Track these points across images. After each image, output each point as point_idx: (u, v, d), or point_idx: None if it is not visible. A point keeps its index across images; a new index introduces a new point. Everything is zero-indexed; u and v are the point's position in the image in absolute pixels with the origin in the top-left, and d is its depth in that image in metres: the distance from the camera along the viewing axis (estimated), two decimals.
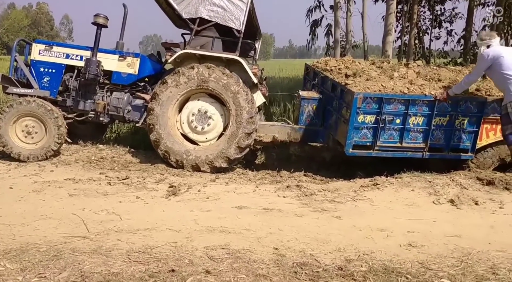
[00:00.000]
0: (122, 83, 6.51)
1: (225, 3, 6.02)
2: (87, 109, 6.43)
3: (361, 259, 3.25)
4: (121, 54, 6.47)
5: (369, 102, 5.55)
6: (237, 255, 3.25)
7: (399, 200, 4.71)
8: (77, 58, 6.40)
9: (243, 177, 5.63)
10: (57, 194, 4.67)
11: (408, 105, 5.58)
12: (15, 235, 3.51)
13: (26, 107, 5.88)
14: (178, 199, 4.62)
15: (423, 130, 5.70)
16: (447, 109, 5.66)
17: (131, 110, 6.51)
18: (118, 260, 3.11)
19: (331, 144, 6.41)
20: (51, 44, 6.53)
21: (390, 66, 6.49)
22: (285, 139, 6.41)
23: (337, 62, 6.87)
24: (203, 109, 6.05)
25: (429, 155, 5.80)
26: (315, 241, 3.57)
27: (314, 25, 15.15)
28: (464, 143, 5.81)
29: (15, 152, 5.88)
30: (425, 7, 15.98)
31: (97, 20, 6.17)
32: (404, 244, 3.55)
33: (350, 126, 5.55)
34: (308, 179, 5.73)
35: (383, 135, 5.68)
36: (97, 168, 5.81)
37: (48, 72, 6.39)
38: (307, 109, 6.48)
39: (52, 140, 5.92)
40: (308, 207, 4.43)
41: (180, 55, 6.07)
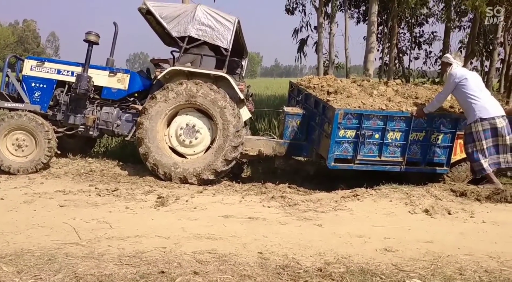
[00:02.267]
0: (112, 98, 6.69)
1: (213, 23, 6.32)
2: (77, 123, 6.58)
3: (340, 262, 3.46)
4: (112, 70, 6.66)
5: (350, 118, 5.86)
6: (224, 258, 3.44)
7: (377, 209, 4.96)
8: (68, 74, 6.56)
9: (229, 189, 5.82)
10: (48, 204, 4.79)
11: (386, 121, 5.90)
12: (9, 242, 3.64)
13: (18, 121, 6.02)
14: (166, 209, 4.79)
15: (401, 144, 6.02)
16: (423, 125, 6.01)
17: (120, 124, 6.67)
18: (110, 263, 3.27)
19: (314, 158, 6.68)
20: (43, 60, 6.71)
21: (370, 84, 6.88)
22: (270, 153, 6.66)
23: (319, 80, 7.20)
24: (191, 123, 6.27)
25: (406, 169, 6.12)
26: (297, 246, 3.77)
27: (302, 43, 15.61)
28: (440, 158, 6.15)
29: (5, 165, 5.99)
30: (405, 29, 16.60)
31: (88, 37, 6.37)
32: (380, 249, 3.78)
33: (331, 141, 5.85)
34: (292, 191, 5.96)
35: (363, 149, 5.98)
36: (87, 181, 5.95)
37: (39, 87, 6.54)
38: (292, 124, 6.76)
39: (42, 153, 6.05)
40: (292, 216, 4.65)
41: (170, 72, 6.33)
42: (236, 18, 6.45)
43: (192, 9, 6.35)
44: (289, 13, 15.49)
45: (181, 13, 6.35)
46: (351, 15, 15.87)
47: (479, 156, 5.58)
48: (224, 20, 6.36)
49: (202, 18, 6.30)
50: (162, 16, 6.31)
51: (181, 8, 6.49)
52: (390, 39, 14.39)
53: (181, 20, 6.31)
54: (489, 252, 3.76)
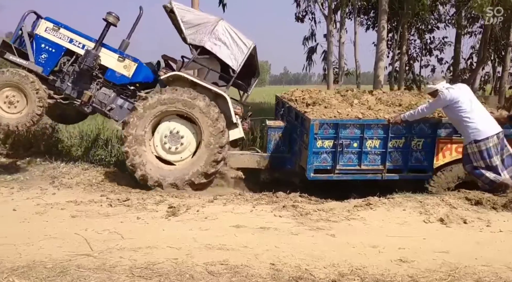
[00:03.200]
0: (114, 81, 6.66)
1: (229, 41, 6.35)
2: (73, 95, 6.55)
3: (354, 273, 3.40)
4: (122, 55, 6.64)
5: (326, 128, 5.89)
6: (236, 270, 3.40)
7: (391, 219, 4.88)
8: (79, 46, 6.51)
9: (240, 198, 5.77)
10: (60, 215, 4.81)
11: (363, 129, 5.91)
12: (21, 254, 3.64)
13: (2, 78, 5.94)
14: (177, 219, 4.77)
15: (380, 152, 6.01)
16: (401, 131, 5.99)
17: (114, 109, 6.67)
18: (122, 275, 3.25)
19: (298, 170, 6.63)
20: (60, 25, 6.56)
21: (353, 94, 6.90)
22: (254, 167, 6.72)
23: (302, 92, 7.26)
24: (174, 130, 6.29)
25: (388, 177, 6.09)
26: (310, 257, 3.72)
27: (310, 52, 15.64)
28: (422, 164, 6.11)
29: (3, 124, 5.99)
30: (415, 35, 16.54)
31: (108, 17, 6.37)
32: (395, 260, 3.70)
33: (309, 152, 5.88)
34: (304, 200, 5.88)
35: (342, 158, 5.98)
36: (98, 191, 5.97)
37: (47, 50, 6.46)
38: (274, 137, 6.85)
39: (34, 105, 5.99)
40: (304, 225, 4.59)
41: (173, 76, 6.36)
42: (253, 43, 6.49)
43: (214, 22, 6.36)
44: (299, 21, 15.55)
45: (202, 22, 6.37)
46: (360, 22, 15.86)
47: (481, 171, 5.54)
48: (240, 42, 6.39)
49: (220, 33, 6.32)
50: (183, 20, 6.33)
51: (204, 18, 6.48)
52: (400, 46, 14.33)
53: (200, 29, 6.33)
54: (507, 263, 3.66)
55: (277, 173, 6.90)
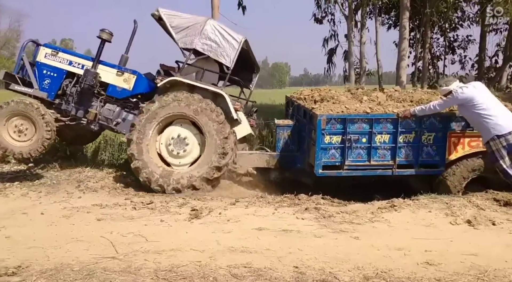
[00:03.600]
0: (116, 96, 6.77)
1: (219, 39, 6.37)
2: (79, 116, 6.68)
3: (379, 277, 3.35)
4: (120, 69, 6.74)
5: (333, 123, 5.84)
6: (259, 273, 3.39)
7: (417, 221, 4.79)
8: (79, 66, 6.66)
9: (262, 201, 5.77)
10: (86, 218, 4.90)
11: (372, 124, 5.83)
12: (49, 257, 3.73)
13: (8, 109, 6.09)
14: (200, 222, 4.80)
15: (390, 147, 5.92)
16: (411, 126, 5.88)
17: (120, 123, 6.78)
18: (147, 278, 3.29)
19: (308, 168, 6.55)
20: (58, 49, 6.79)
21: (363, 92, 6.81)
22: (264, 166, 6.70)
23: (312, 91, 7.19)
24: (180, 134, 6.33)
25: (399, 172, 5.98)
26: (334, 260, 3.68)
27: (330, 53, 15.55)
28: (434, 159, 5.99)
29: (17, 153, 6.14)
30: (438, 34, 16.24)
31: (101, 35, 6.51)
32: (421, 262, 3.63)
33: (317, 147, 5.83)
34: (326, 202, 5.83)
35: (351, 154, 5.91)
36: (123, 194, 6.06)
37: (50, 75, 6.63)
38: (283, 136, 6.83)
39: (43, 130, 6.11)
40: (327, 228, 4.55)
41: (170, 81, 6.40)
42: (243, 37, 6.48)
43: (202, 23, 6.40)
44: (318, 22, 15.47)
45: (191, 25, 6.41)
46: (381, 22, 15.67)
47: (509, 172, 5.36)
48: (230, 38, 6.40)
49: (209, 33, 6.36)
50: (172, 25, 6.39)
51: (192, 20, 6.51)
52: (423, 45, 14.09)
53: (190, 32, 6.38)
54: None
55: (287, 172, 6.87)
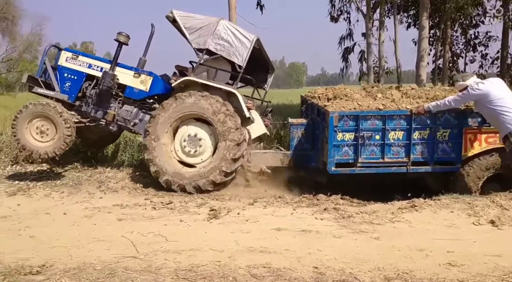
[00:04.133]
0: (133, 97, 6.87)
1: (231, 39, 6.41)
2: (98, 117, 6.81)
3: (401, 278, 3.31)
4: (137, 71, 6.85)
5: (346, 120, 5.79)
6: (278, 273, 3.39)
7: (438, 221, 4.72)
8: (98, 69, 6.82)
9: (280, 201, 5.76)
10: (107, 218, 4.98)
11: (385, 121, 5.76)
12: (72, 256, 3.80)
13: (28, 112, 6.25)
14: (219, 222, 4.82)
15: (404, 144, 5.84)
16: (425, 122, 5.80)
17: (138, 123, 6.87)
18: (167, 277, 3.32)
19: (322, 167, 6.49)
20: (78, 53, 7.00)
21: (378, 90, 6.72)
22: (278, 165, 6.67)
23: (326, 90, 7.11)
24: (192, 133, 6.37)
25: (413, 169, 5.88)
26: (354, 261, 3.65)
27: (346, 52, 15.42)
28: (449, 155, 5.88)
29: (42, 154, 6.27)
30: (458, 31, 15.94)
31: (118, 37, 6.64)
32: (443, 263, 3.57)
33: (329, 145, 5.79)
34: (345, 202, 5.79)
35: (364, 151, 5.85)
36: (142, 194, 6.13)
37: (70, 78, 6.82)
38: (297, 134, 6.80)
39: (63, 128, 6.24)
40: (346, 228, 4.52)
41: (184, 81, 6.46)
42: (255, 37, 6.50)
43: (214, 23, 6.46)
44: (334, 21, 15.38)
45: (204, 25, 6.48)
46: (400, 20, 15.47)
47: None
48: (243, 37, 6.44)
49: (222, 33, 6.41)
50: (186, 27, 6.47)
51: (205, 21, 6.58)
52: (443, 42, 13.86)
53: (203, 32, 6.45)
54: None
55: (301, 171, 6.83)
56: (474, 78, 5.63)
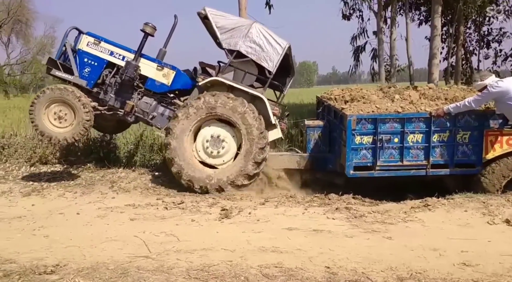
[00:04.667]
0: (154, 90, 6.83)
1: (264, 43, 6.37)
2: (116, 106, 6.75)
3: (414, 278, 3.28)
4: (160, 64, 6.79)
5: (364, 123, 5.76)
6: (290, 273, 3.38)
7: (452, 220, 4.67)
8: (120, 58, 6.71)
9: (291, 200, 5.75)
10: (120, 218, 5.01)
11: (404, 124, 5.72)
12: (86, 256, 3.83)
13: (45, 97, 6.17)
14: (230, 222, 4.82)
15: (424, 147, 5.78)
16: (445, 124, 5.74)
17: (156, 117, 6.83)
18: (179, 277, 3.34)
19: (339, 169, 6.44)
20: (100, 39, 6.79)
21: (395, 90, 6.64)
22: (294, 168, 6.65)
23: (342, 91, 7.06)
24: (215, 134, 6.34)
25: (433, 172, 5.83)
26: (367, 260, 3.62)
27: (357, 51, 15.32)
28: (470, 158, 5.82)
29: (61, 139, 6.25)
30: (471, 28, 15.73)
31: (145, 28, 6.55)
32: (458, 263, 3.53)
33: (347, 148, 5.76)
34: (357, 202, 5.75)
35: (383, 154, 5.81)
36: (154, 194, 6.16)
37: (90, 64, 6.68)
38: (313, 137, 6.77)
39: (81, 112, 6.18)
40: (358, 228, 4.49)
41: (211, 81, 6.45)
42: (288, 43, 6.47)
43: (248, 26, 6.43)
44: (346, 18, 15.28)
45: (236, 27, 6.45)
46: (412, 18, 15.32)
47: None
48: (275, 43, 6.40)
49: (254, 36, 6.37)
50: (218, 26, 6.43)
51: (237, 22, 6.58)
52: (455, 40, 13.69)
53: (235, 33, 6.41)
54: None
55: (318, 173, 6.80)
56: (493, 77, 5.59)
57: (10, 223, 4.86)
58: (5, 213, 5.27)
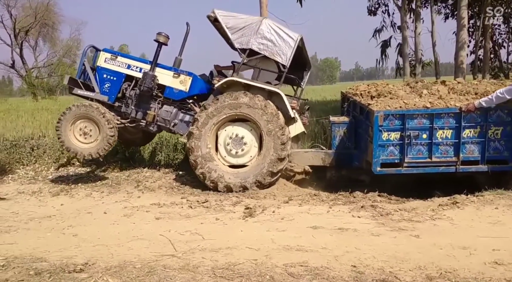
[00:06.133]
0: (173, 97, 6.92)
1: (275, 38, 6.35)
2: (138, 118, 6.88)
3: (444, 277, 3.19)
4: (176, 71, 6.88)
5: (392, 119, 5.64)
6: (316, 272, 3.35)
7: (482, 218, 4.53)
8: (137, 70, 6.87)
9: (315, 199, 5.70)
10: (145, 217, 5.08)
11: (432, 119, 5.58)
12: (113, 254, 3.90)
13: (71, 114, 6.35)
14: (254, 220, 4.82)
15: (453, 143, 5.64)
16: (476, 120, 5.57)
17: (178, 124, 6.92)
18: (205, 276, 3.35)
19: (365, 166, 6.34)
20: (117, 54, 7.04)
21: (423, 85, 6.48)
22: (319, 164, 6.58)
23: (368, 86, 6.94)
24: (238, 133, 6.36)
25: (463, 169, 5.68)
26: (394, 259, 3.56)
27: (384, 45, 15.10)
28: (502, 154, 5.64)
29: (87, 155, 6.40)
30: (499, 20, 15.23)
31: (158, 38, 6.66)
32: (489, 262, 3.42)
33: (374, 145, 5.65)
34: (383, 199, 5.66)
35: (411, 151, 5.68)
36: (179, 193, 6.22)
37: (109, 79, 6.88)
38: (339, 133, 6.70)
39: (106, 128, 6.33)
40: (385, 226, 4.42)
41: (227, 82, 6.45)
42: (299, 35, 6.42)
43: (258, 23, 6.41)
44: (372, 14, 15.09)
45: (246, 25, 6.44)
46: (437, 11, 14.96)
47: None
48: (286, 37, 6.37)
49: (265, 32, 6.35)
50: (228, 26, 6.45)
51: (247, 20, 6.54)
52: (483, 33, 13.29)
53: (245, 32, 6.41)
54: None
55: (344, 170, 6.74)
56: None
57: (40, 223, 4.99)
58: (35, 213, 5.42)
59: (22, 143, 8.94)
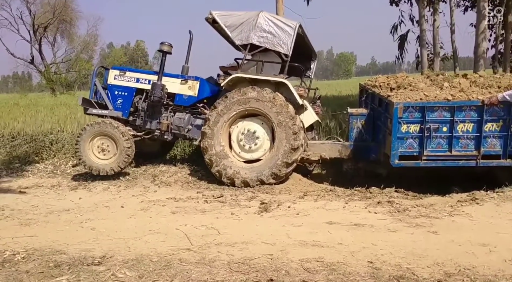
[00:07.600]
0: (183, 104, 6.99)
1: (274, 29, 6.33)
2: (153, 128, 6.99)
3: (462, 274, 3.15)
4: (183, 78, 6.95)
5: (411, 111, 5.54)
6: (332, 267, 3.33)
7: (502, 215, 4.46)
8: (146, 82, 6.99)
9: (331, 194, 5.67)
10: (162, 211, 5.13)
11: (453, 112, 5.46)
12: (130, 248, 3.94)
13: (87, 133, 6.54)
14: (269, 215, 4.82)
15: (474, 137, 5.51)
16: (499, 113, 5.42)
17: (191, 129, 6.97)
18: (220, 270, 3.37)
19: (383, 159, 6.23)
20: (125, 69, 7.20)
21: (444, 78, 6.34)
22: (336, 157, 6.54)
23: (387, 78, 6.80)
24: (250, 128, 6.35)
25: (483, 163, 5.54)
26: (411, 256, 3.52)
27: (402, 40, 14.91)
28: None
29: (108, 171, 6.56)
30: None
31: (162, 47, 6.75)
32: (509, 260, 3.37)
33: (393, 137, 5.56)
34: (400, 195, 5.60)
35: (430, 144, 5.57)
36: (195, 188, 6.25)
37: (121, 95, 7.06)
38: (356, 125, 6.60)
39: (122, 141, 6.48)
40: (402, 222, 4.37)
41: (232, 79, 6.44)
42: (297, 23, 6.39)
43: (255, 17, 6.40)
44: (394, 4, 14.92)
45: (244, 21, 6.45)
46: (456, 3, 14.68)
47: None
48: (285, 26, 6.34)
49: (263, 25, 6.34)
50: (227, 25, 6.47)
51: (244, 16, 6.55)
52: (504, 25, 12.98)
53: (244, 28, 6.41)
54: None
55: (361, 162, 6.66)
56: None
57: (59, 216, 5.08)
58: (54, 206, 5.52)
59: (42, 138, 9.13)
